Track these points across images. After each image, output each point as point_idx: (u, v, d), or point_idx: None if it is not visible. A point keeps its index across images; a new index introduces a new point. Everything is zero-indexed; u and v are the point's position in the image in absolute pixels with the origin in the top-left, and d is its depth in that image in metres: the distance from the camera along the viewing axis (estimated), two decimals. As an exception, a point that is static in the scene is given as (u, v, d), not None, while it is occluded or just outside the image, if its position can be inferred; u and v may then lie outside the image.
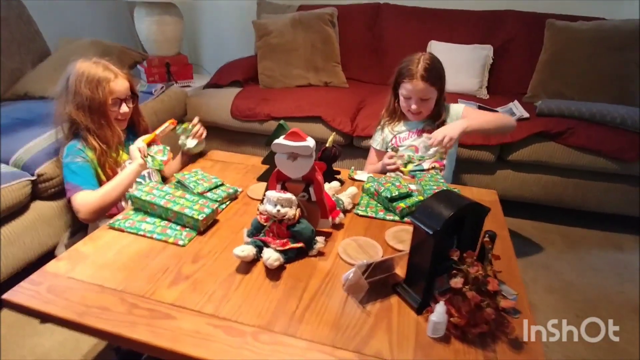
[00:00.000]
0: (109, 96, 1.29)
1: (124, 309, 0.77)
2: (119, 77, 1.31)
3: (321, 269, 0.90)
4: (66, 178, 1.29)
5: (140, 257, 0.92)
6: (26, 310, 0.80)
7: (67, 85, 1.29)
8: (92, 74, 1.27)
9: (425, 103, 1.42)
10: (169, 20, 2.53)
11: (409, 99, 1.42)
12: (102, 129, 1.30)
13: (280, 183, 0.96)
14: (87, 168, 1.28)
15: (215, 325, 0.74)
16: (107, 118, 1.31)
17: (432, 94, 1.41)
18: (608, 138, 1.75)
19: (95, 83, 1.27)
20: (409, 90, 1.40)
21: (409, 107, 1.43)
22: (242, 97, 2.15)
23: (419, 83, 1.37)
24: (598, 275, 1.66)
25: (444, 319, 0.71)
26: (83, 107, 1.27)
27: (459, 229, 0.77)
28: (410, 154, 1.48)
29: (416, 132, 1.50)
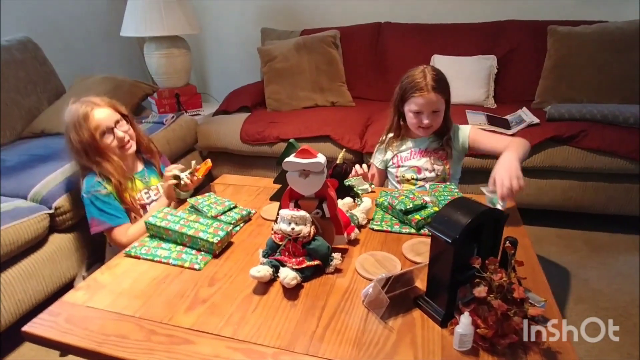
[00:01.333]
0: (94, 132, 1.27)
1: (142, 335, 0.76)
2: (95, 108, 1.29)
3: (339, 286, 0.88)
4: (92, 215, 1.30)
5: (157, 283, 0.92)
6: (45, 341, 0.79)
7: (65, 134, 1.32)
8: (73, 116, 1.28)
9: (436, 116, 1.35)
10: (177, 53, 2.62)
11: (420, 113, 1.35)
12: (100, 166, 1.30)
13: (294, 201, 0.96)
14: (111, 199, 1.30)
15: (234, 349, 0.72)
16: (101, 154, 1.30)
17: (442, 106, 1.36)
18: (623, 138, 1.72)
19: (77, 125, 1.27)
20: (421, 105, 1.32)
21: (419, 122, 1.36)
22: (250, 122, 2.19)
23: (431, 95, 1.30)
24: (627, 281, 1.59)
25: (470, 331, 0.68)
26: (78, 151, 1.29)
27: (478, 237, 0.75)
28: (413, 174, 1.44)
29: (419, 152, 1.44)
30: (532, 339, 0.69)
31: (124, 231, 1.29)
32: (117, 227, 1.29)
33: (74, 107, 1.30)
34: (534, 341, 0.70)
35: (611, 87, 1.99)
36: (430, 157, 1.42)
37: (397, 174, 1.47)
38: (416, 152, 1.45)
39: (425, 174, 1.43)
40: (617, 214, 1.87)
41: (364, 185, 1.35)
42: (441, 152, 1.42)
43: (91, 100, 1.32)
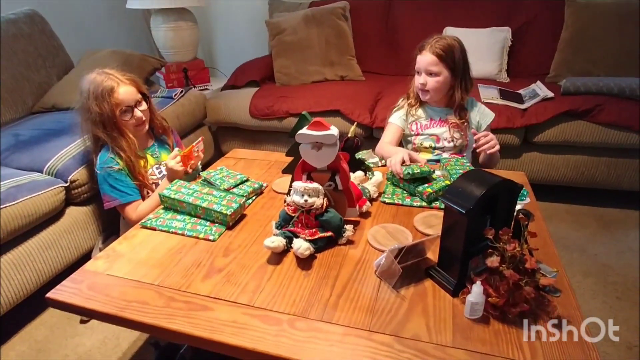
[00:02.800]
0: (115, 108, 1.28)
1: (162, 302, 0.79)
2: (121, 85, 1.30)
3: (352, 256, 0.90)
4: (104, 190, 1.33)
5: (173, 253, 0.94)
6: (69, 307, 0.82)
7: (82, 102, 1.31)
8: (96, 87, 1.27)
9: (432, 79, 1.34)
10: (185, 26, 2.57)
11: (419, 74, 1.38)
12: (116, 141, 1.31)
13: (306, 174, 0.96)
14: (123, 176, 1.32)
15: (251, 315, 0.75)
16: (119, 129, 1.31)
17: (441, 71, 1.33)
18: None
19: (100, 97, 1.27)
20: (418, 63, 1.36)
21: (418, 83, 1.39)
22: (259, 96, 2.17)
23: (427, 54, 1.33)
24: (636, 256, 1.59)
25: (481, 300, 0.70)
26: (96, 122, 1.29)
27: (492, 208, 0.75)
28: (431, 142, 1.44)
29: (439, 121, 1.45)
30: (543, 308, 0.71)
31: (134, 208, 1.32)
32: (127, 204, 1.32)
33: (98, 78, 1.29)
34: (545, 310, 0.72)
35: (630, 60, 1.93)
36: (449, 127, 1.42)
37: (416, 142, 1.46)
38: (436, 121, 1.44)
39: (443, 143, 1.43)
40: (629, 190, 1.85)
41: (373, 158, 1.35)
42: (461, 123, 1.42)
43: (116, 75, 1.31)
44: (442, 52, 1.32)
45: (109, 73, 1.31)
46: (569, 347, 0.66)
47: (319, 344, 0.68)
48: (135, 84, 1.35)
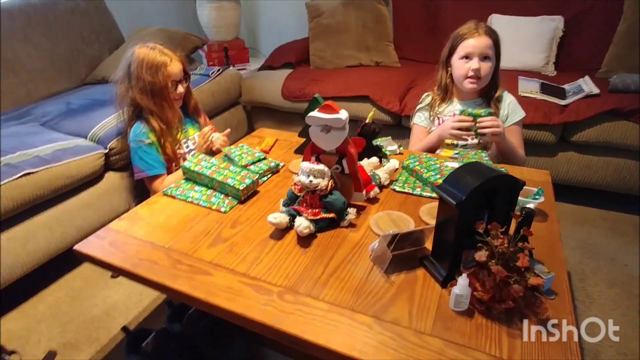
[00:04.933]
0: (168, 80, 1.38)
1: (169, 263, 0.86)
2: (174, 61, 1.40)
3: (351, 239, 0.92)
4: (134, 161, 1.44)
5: (186, 220, 1.01)
6: (91, 259, 0.92)
7: (129, 72, 1.39)
8: (151, 60, 1.37)
9: (486, 64, 1.27)
10: (228, 6, 2.64)
11: (469, 58, 1.28)
12: (164, 110, 1.41)
13: (315, 155, 0.99)
14: (153, 150, 1.42)
15: (245, 283, 0.80)
16: (168, 100, 1.41)
17: (492, 56, 1.28)
18: (697, 117, 1.53)
19: (154, 68, 1.36)
20: (471, 46, 1.26)
21: (467, 70, 1.29)
22: (292, 78, 2.20)
23: (483, 37, 1.26)
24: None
25: (467, 292, 0.70)
26: (146, 91, 1.38)
27: (490, 203, 0.74)
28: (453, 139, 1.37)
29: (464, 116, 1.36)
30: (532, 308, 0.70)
31: (160, 181, 1.42)
32: (153, 177, 1.42)
33: (151, 52, 1.38)
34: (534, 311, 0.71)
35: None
36: (475, 123, 1.34)
37: None
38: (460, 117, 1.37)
39: (468, 139, 1.36)
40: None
41: (392, 146, 1.34)
42: None
43: (167, 51, 1.40)
44: (493, 34, 1.27)
45: (162, 48, 1.41)
46: (551, 349, 0.65)
47: (302, 317, 0.72)
48: (182, 62, 1.44)
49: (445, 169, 1.13)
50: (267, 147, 1.39)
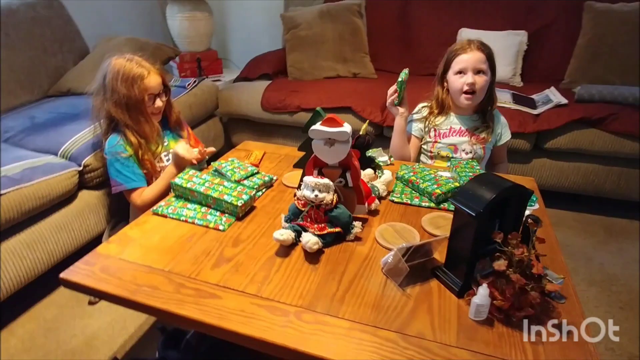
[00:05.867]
0: (144, 93, 1.32)
1: (172, 288, 0.81)
2: (152, 73, 1.34)
3: (359, 253, 0.91)
4: (111, 175, 1.37)
5: (183, 240, 0.96)
6: (81, 288, 0.84)
7: (104, 83, 1.33)
8: (127, 72, 1.31)
9: (480, 78, 1.31)
10: (200, 17, 2.59)
11: (464, 73, 1.31)
12: (140, 125, 1.35)
13: (317, 169, 0.97)
14: (130, 163, 1.35)
15: (259, 305, 0.76)
16: (144, 114, 1.35)
17: (487, 70, 1.31)
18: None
19: (130, 81, 1.30)
20: (465, 61, 1.30)
21: (462, 85, 1.32)
22: (272, 90, 2.18)
23: (476, 52, 1.29)
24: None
25: (487, 302, 0.71)
26: (121, 104, 1.32)
27: (501, 212, 0.76)
28: (449, 152, 1.42)
29: (459, 130, 1.41)
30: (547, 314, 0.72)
31: (138, 194, 1.35)
32: (132, 189, 1.35)
33: (129, 64, 1.32)
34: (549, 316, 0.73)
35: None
36: (470, 137, 1.40)
37: (433, 150, 1.44)
38: (456, 130, 1.41)
39: (461, 154, 1.41)
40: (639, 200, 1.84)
41: (383, 157, 1.36)
42: (482, 134, 1.40)
43: (145, 63, 1.35)
44: (487, 50, 1.31)
45: (140, 60, 1.35)
46: (570, 350, 0.67)
47: (324, 337, 0.69)
48: (161, 75, 1.39)
49: (440, 178, 1.15)
50: (256, 161, 1.36)
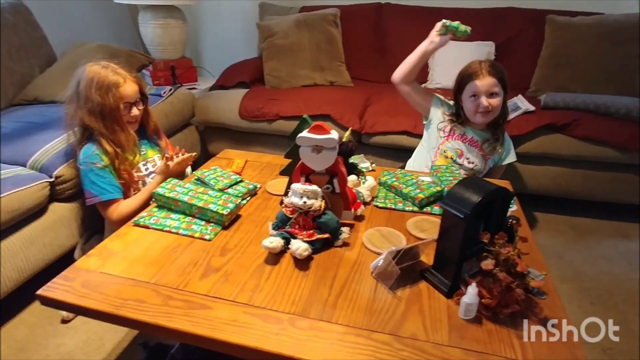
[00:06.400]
0: (119, 101, 1.29)
1: (159, 300, 0.78)
2: (127, 81, 1.31)
3: (348, 258, 0.92)
4: (85, 186, 1.32)
5: (168, 251, 0.93)
6: (61, 305, 0.81)
7: (78, 91, 1.29)
8: (102, 79, 1.27)
9: (494, 99, 1.39)
10: (174, 24, 2.55)
11: (477, 97, 1.39)
12: (115, 134, 1.31)
13: (305, 176, 0.98)
14: (106, 173, 1.30)
15: (251, 314, 0.75)
16: (120, 123, 1.31)
17: (500, 91, 1.39)
18: (613, 129, 1.78)
19: (105, 88, 1.27)
20: (477, 87, 1.38)
21: (476, 107, 1.40)
22: (249, 98, 2.17)
23: (487, 77, 1.37)
24: (608, 264, 1.68)
25: (475, 301, 0.73)
26: (95, 112, 1.28)
27: (486, 214, 0.79)
28: (454, 154, 1.49)
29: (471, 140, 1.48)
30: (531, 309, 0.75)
31: (115, 206, 1.31)
32: (107, 202, 1.30)
33: (102, 71, 1.28)
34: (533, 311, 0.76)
35: (605, 78, 2.04)
36: (479, 151, 1.47)
37: (441, 147, 1.50)
38: (468, 138, 1.48)
39: (464, 161, 1.47)
40: (603, 200, 1.96)
41: (365, 163, 1.38)
42: (488, 148, 1.48)
43: (120, 71, 1.31)
44: (497, 71, 1.39)
45: (115, 68, 1.31)
46: (556, 345, 0.70)
47: (320, 342, 0.69)
48: (138, 83, 1.35)
49: (422, 183, 1.19)
50: (238, 169, 1.35)
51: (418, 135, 1.92)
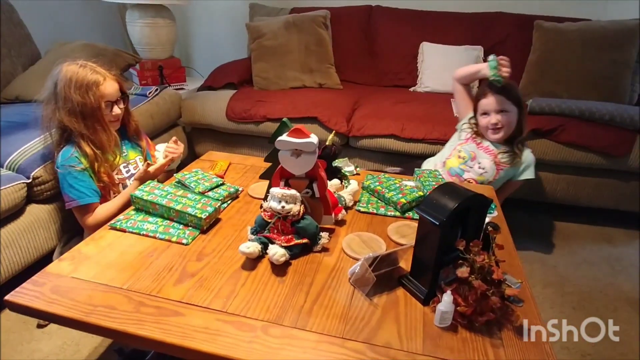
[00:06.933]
0: (100, 100, 1.26)
1: (131, 307, 0.77)
2: (107, 79, 1.28)
3: (326, 264, 0.91)
4: (63, 189, 1.29)
5: (144, 256, 0.91)
6: (30, 311, 0.78)
7: (56, 92, 1.25)
8: (81, 79, 1.24)
9: (504, 116, 1.44)
10: (162, 23, 2.52)
11: (488, 115, 1.47)
12: (97, 134, 1.28)
13: (284, 180, 0.97)
14: (85, 177, 1.28)
15: (224, 321, 0.74)
16: (101, 122, 1.28)
17: (510, 108, 1.44)
18: (598, 134, 1.79)
19: (85, 88, 1.24)
20: (486, 105, 1.46)
21: (488, 124, 1.47)
22: (237, 99, 2.15)
23: (494, 95, 1.44)
24: (591, 269, 1.69)
25: (451, 309, 0.72)
26: (75, 113, 1.24)
27: (463, 220, 0.78)
28: (466, 155, 1.52)
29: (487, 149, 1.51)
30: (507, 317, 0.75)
31: (91, 211, 1.28)
32: (84, 206, 1.27)
33: (80, 70, 1.25)
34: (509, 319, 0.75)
35: (591, 84, 2.06)
36: (494, 159, 1.50)
37: (458, 146, 1.55)
38: (483, 147, 1.52)
39: (475, 165, 1.50)
40: (587, 206, 1.97)
41: (349, 167, 1.37)
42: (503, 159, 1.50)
43: (102, 69, 1.28)
44: (505, 90, 1.43)
45: (94, 66, 1.28)
46: (529, 351, 0.70)
47: (292, 351, 0.68)
48: (118, 81, 1.33)
49: (405, 187, 1.18)
50: (221, 172, 1.34)
51: (405, 139, 1.92)
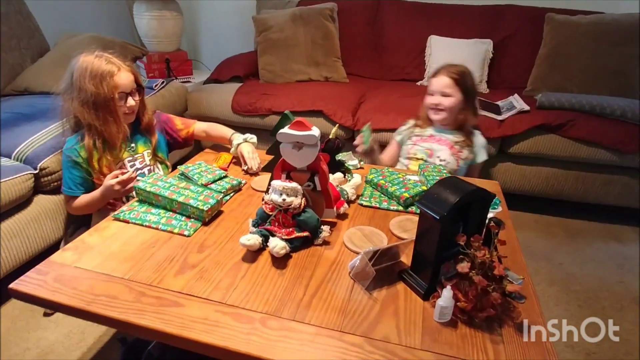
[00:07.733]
0: (114, 91, 1.26)
1: (131, 297, 0.77)
2: (122, 70, 1.28)
3: (327, 257, 0.91)
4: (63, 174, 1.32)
5: (146, 247, 0.92)
6: (33, 299, 0.79)
7: (72, 81, 1.26)
8: (95, 68, 1.24)
9: (446, 100, 1.45)
10: (169, 16, 2.53)
11: (433, 95, 1.48)
12: (107, 125, 1.27)
13: (286, 173, 0.96)
14: (76, 170, 1.29)
15: (223, 312, 0.74)
16: (114, 113, 1.28)
17: (455, 93, 1.44)
18: (608, 130, 1.76)
19: (99, 78, 1.23)
20: (433, 85, 1.47)
21: (430, 104, 1.49)
22: (242, 92, 2.15)
23: (443, 77, 1.45)
24: (599, 267, 1.67)
25: (451, 304, 0.72)
26: (88, 103, 1.24)
27: (465, 215, 0.77)
28: (424, 155, 1.49)
29: (438, 139, 1.50)
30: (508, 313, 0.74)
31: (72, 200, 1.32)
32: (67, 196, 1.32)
33: (96, 61, 1.25)
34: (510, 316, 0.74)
35: (602, 78, 2.01)
36: (450, 148, 1.49)
37: (410, 151, 1.53)
38: (436, 138, 1.51)
39: (435, 160, 1.48)
40: (595, 203, 1.94)
41: (353, 160, 1.37)
42: (462, 150, 1.49)
43: (115, 60, 1.28)
44: (456, 76, 1.44)
45: (109, 57, 1.28)
46: (530, 349, 0.69)
47: (290, 344, 0.68)
48: (133, 73, 1.33)
49: (408, 182, 1.17)
50: (224, 164, 1.34)
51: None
